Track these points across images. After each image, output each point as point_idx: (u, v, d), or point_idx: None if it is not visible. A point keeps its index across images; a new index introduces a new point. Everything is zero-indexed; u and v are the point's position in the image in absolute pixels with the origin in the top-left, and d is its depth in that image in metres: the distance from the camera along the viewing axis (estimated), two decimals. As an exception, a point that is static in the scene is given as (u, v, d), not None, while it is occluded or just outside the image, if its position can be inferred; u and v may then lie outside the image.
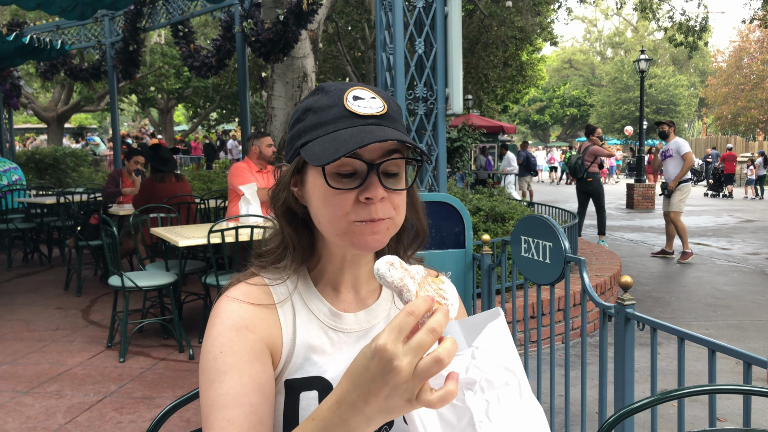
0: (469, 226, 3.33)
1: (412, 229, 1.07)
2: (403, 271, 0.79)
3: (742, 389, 1.29)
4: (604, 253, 7.00)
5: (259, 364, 0.95)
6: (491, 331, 0.81)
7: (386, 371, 0.70)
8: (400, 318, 0.71)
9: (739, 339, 5.05)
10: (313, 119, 0.96)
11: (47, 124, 19.82)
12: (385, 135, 0.89)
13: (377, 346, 0.70)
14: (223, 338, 0.95)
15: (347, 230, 0.95)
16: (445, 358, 0.69)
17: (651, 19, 16.98)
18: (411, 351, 0.69)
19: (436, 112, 3.81)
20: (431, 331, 0.70)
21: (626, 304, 2.18)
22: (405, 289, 0.78)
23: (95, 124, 42.45)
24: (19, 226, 7.64)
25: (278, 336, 1.00)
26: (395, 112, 0.98)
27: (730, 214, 14.96)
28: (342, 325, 1.04)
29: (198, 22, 16.81)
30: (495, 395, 0.79)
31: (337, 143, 0.89)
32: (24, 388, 3.87)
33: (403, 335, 0.70)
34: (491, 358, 0.79)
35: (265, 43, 6.54)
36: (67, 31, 9.41)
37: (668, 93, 43.32)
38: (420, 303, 0.72)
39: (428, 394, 0.70)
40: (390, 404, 0.71)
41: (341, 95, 0.95)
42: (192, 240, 4.29)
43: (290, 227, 1.03)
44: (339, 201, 0.93)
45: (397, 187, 0.96)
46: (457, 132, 11.67)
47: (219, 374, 0.93)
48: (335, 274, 1.06)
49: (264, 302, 1.01)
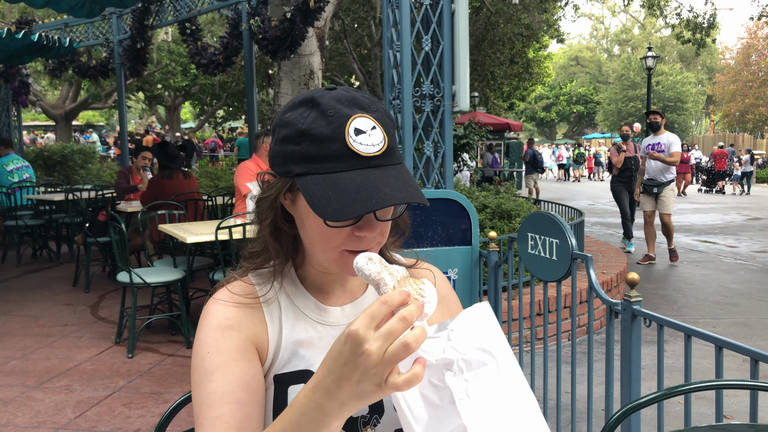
0: (476, 223, 3.34)
1: (396, 226, 1.09)
2: (381, 266, 0.82)
3: (748, 385, 1.30)
4: (610, 250, 6.99)
5: (245, 361, 0.98)
6: (465, 316, 0.84)
7: (357, 354, 0.72)
8: (374, 306, 0.74)
9: (747, 337, 5.04)
10: (310, 149, 0.91)
11: (55, 121, 19.91)
12: (390, 196, 0.87)
13: (350, 330, 0.73)
14: (209, 339, 0.99)
15: (336, 258, 0.97)
16: (412, 343, 0.71)
17: (658, 16, 16.89)
18: (381, 336, 0.72)
19: (443, 110, 3.81)
20: (402, 319, 0.72)
21: (633, 300, 2.19)
22: (382, 282, 0.80)
23: (103, 121, 42.62)
24: (28, 223, 7.69)
25: (264, 333, 1.02)
26: (392, 139, 0.95)
27: (737, 211, 14.90)
28: (329, 319, 1.06)
29: (205, 19, 16.85)
30: (474, 374, 0.82)
31: (343, 198, 0.87)
32: (34, 383, 3.90)
33: (375, 322, 0.73)
34: (466, 340, 0.82)
35: (272, 40, 6.55)
36: (75, 28, 9.45)
37: (675, 90, 43.16)
38: (395, 295, 0.75)
39: (395, 377, 0.73)
40: (361, 389, 0.74)
41: (342, 128, 0.90)
42: (200, 237, 4.31)
43: (276, 242, 1.03)
44: (333, 234, 0.94)
45: (387, 216, 0.98)
46: (463, 129, 11.65)
47: (207, 374, 0.96)
48: (320, 276, 1.08)
49: (249, 301, 1.03)
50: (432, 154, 3.83)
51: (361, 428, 1.03)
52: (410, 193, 0.90)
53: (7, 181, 8.19)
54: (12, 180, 8.26)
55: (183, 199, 5.71)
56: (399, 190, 0.89)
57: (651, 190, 7.64)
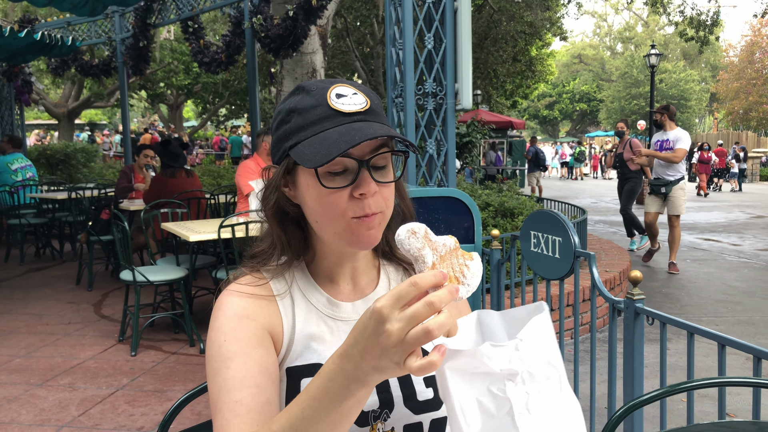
0: (478, 221, 3.34)
1: (399, 214, 1.09)
2: (424, 241, 0.80)
3: (751, 382, 1.30)
4: (613, 248, 6.98)
5: (263, 348, 0.99)
6: (535, 325, 0.81)
7: (378, 333, 0.72)
8: (403, 286, 0.73)
9: (750, 335, 5.04)
10: (298, 120, 0.98)
11: (58, 120, 19.94)
12: (374, 132, 0.92)
13: (374, 307, 0.73)
14: (226, 328, 0.99)
15: (345, 228, 0.98)
16: (434, 330, 0.70)
17: (662, 14, 16.87)
18: (404, 318, 0.71)
19: (445, 108, 3.81)
20: (429, 304, 0.71)
21: (635, 298, 2.19)
22: (421, 260, 0.78)
23: (105, 119, 42.66)
24: (32, 222, 7.71)
25: (279, 325, 1.03)
26: (377, 106, 1.00)
27: (741, 209, 14.87)
28: (340, 314, 1.07)
29: (207, 17, 16.87)
30: (536, 388, 0.79)
31: (328, 144, 0.92)
32: (37, 381, 3.91)
33: (402, 303, 0.72)
34: (534, 352, 0.79)
35: (274, 39, 6.55)
36: (78, 27, 9.46)
37: (679, 88, 43.04)
38: (427, 276, 0.73)
39: (413, 360, 0.72)
40: (381, 364, 0.73)
41: (324, 94, 0.97)
42: (203, 235, 4.32)
43: (281, 229, 1.06)
44: (334, 200, 0.96)
45: (386, 179, 0.99)
46: (466, 127, 11.66)
47: (224, 361, 0.96)
48: (332, 268, 1.09)
49: (263, 293, 1.04)
50: (435, 152, 3.83)
51: (371, 422, 1.03)
52: (394, 134, 0.93)
53: (10, 180, 8.21)
54: (15, 179, 8.28)
55: (186, 198, 5.72)
56: (382, 130, 0.93)
57: (658, 190, 7.20)
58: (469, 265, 0.80)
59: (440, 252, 0.80)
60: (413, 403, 1.05)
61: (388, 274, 1.16)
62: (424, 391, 1.06)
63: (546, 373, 0.80)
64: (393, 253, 1.16)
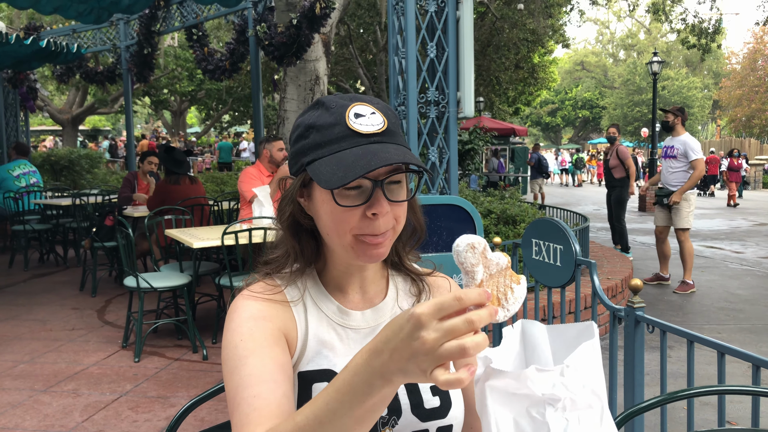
0: (480, 229, 3.36)
1: (409, 226, 1.12)
2: (480, 258, 0.81)
3: (749, 390, 1.31)
4: (615, 256, 6.99)
5: (279, 348, 1.02)
6: (584, 351, 0.79)
7: (413, 338, 0.72)
8: (446, 298, 0.73)
9: (752, 343, 5.04)
10: (317, 137, 1.00)
11: (62, 126, 20.04)
12: (389, 158, 0.94)
13: (414, 312, 0.73)
14: (242, 328, 1.02)
15: (352, 244, 1.01)
16: (470, 348, 0.70)
17: (664, 21, 16.91)
18: (441, 330, 0.71)
19: (447, 116, 3.84)
20: (468, 321, 0.71)
21: (636, 306, 2.20)
22: (471, 275, 0.80)
23: (109, 125, 42.82)
24: (36, 227, 7.74)
25: (293, 329, 1.06)
26: (394, 125, 1.02)
27: (743, 217, 14.86)
28: (350, 322, 1.10)
29: (211, 25, 16.94)
30: (576, 416, 0.78)
31: (345, 166, 0.94)
32: (41, 387, 3.93)
33: (442, 314, 0.72)
34: (579, 379, 0.78)
35: (278, 46, 6.60)
36: (83, 34, 9.53)
37: (681, 95, 43.08)
38: (472, 293, 0.74)
39: (441, 372, 0.72)
40: (408, 367, 0.74)
41: (343, 113, 0.99)
42: (206, 241, 4.34)
43: (294, 239, 1.09)
44: (346, 217, 0.99)
45: (399, 198, 1.02)
46: (468, 134, 11.69)
47: (241, 359, 0.98)
48: (342, 277, 1.12)
49: (278, 299, 1.07)
50: (437, 159, 3.86)
51: (379, 428, 1.05)
52: (410, 158, 0.95)
53: (14, 186, 8.25)
54: (19, 185, 8.33)
55: (189, 204, 5.74)
56: (397, 155, 0.95)
57: (662, 200, 6.75)
58: (514, 289, 0.80)
59: (491, 270, 0.81)
60: (420, 410, 1.07)
61: (396, 285, 1.18)
62: (431, 400, 1.08)
63: (588, 402, 0.79)
64: (402, 264, 1.18)
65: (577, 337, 0.83)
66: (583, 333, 0.83)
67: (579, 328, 0.84)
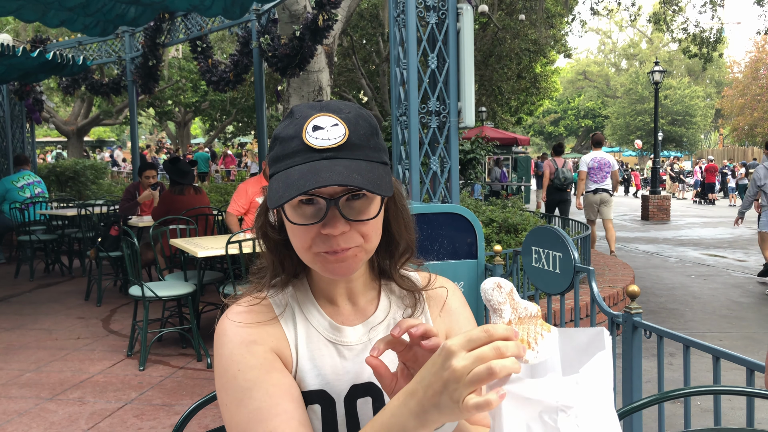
0: (481, 237, 3.40)
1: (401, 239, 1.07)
2: (507, 298, 0.83)
3: (743, 391, 1.35)
4: (617, 264, 7.01)
5: (277, 372, 0.98)
6: (599, 362, 0.81)
7: (444, 368, 0.75)
8: (476, 331, 0.76)
9: (753, 351, 5.05)
10: (278, 150, 0.96)
11: (67, 137, 20.16)
12: (328, 178, 0.88)
13: (444, 344, 0.76)
14: (235, 356, 0.98)
15: (314, 260, 0.97)
16: (498, 369, 0.72)
17: (665, 31, 16.99)
18: (470, 357, 0.74)
19: (448, 126, 3.89)
20: (495, 348, 0.74)
21: (633, 312, 2.24)
22: (498, 313, 0.82)
23: (114, 137, 43.03)
24: (41, 238, 7.80)
25: (286, 347, 1.02)
26: (360, 137, 0.95)
27: (746, 225, 14.85)
28: (343, 339, 1.05)
29: (215, 36, 17.07)
30: (587, 424, 0.80)
31: (287, 184, 0.90)
32: (47, 395, 3.97)
33: (471, 345, 0.75)
34: (593, 389, 0.80)
35: (281, 58, 6.68)
36: (89, 46, 9.63)
37: (684, 104, 43.13)
38: (500, 328, 0.76)
39: (471, 397, 0.73)
40: (442, 401, 0.75)
41: (302, 124, 0.94)
42: (210, 251, 4.39)
43: (271, 251, 1.05)
44: (302, 234, 0.95)
45: (362, 216, 0.95)
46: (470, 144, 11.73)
47: (244, 392, 0.96)
48: (328, 288, 1.07)
49: (266, 318, 1.03)
50: (438, 169, 3.90)
51: None
52: (353, 178, 0.89)
53: (19, 197, 8.32)
54: (24, 195, 8.40)
55: (194, 214, 5.80)
56: (340, 175, 0.89)
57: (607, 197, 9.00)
58: (544, 336, 0.81)
59: (519, 313, 0.83)
60: None
61: (389, 295, 1.13)
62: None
63: (600, 411, 0.81)
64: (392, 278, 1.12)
65: (587, 343, 0.83)
66: (594, 339, 0.84)
67: (590, 333, 0.85)
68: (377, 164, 0.96)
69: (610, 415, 0.82)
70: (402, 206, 1.06)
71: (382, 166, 0.98)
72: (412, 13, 3.73)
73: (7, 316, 5.91)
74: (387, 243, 1.06)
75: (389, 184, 0.95)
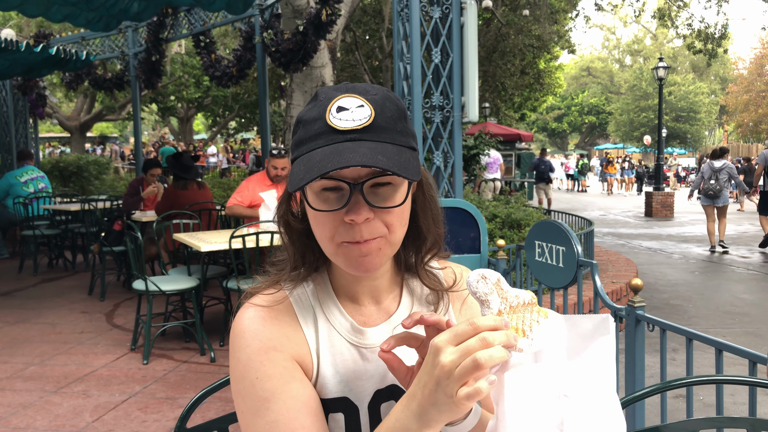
0: (485, 232, 3.40)
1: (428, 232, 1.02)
2: (493, 288, 0.82)
3: (744, 380, 1.35)
4: (621, 260, 7.01)
5: (297, 382, 0.94)
6: (602, 347, 0.82)
7: (434, 365, 0.75)
8: (462, 325, 0.75)
9: (756, 346, 5.05)
10: (301, 133, 0.92)
11: (70, 132, 20.20)
12: (352, 159, 0.83)
13: (433, 341, 0.76)
14: (254, 363, 0.93)
15: (336, 252, 0.92)
16: (483, 361, 0.72)
17: (670, 27, 16.93)
18: (456, 351, 0.73)
19: (452, 120, 3.88)
20: (481, 339, 0.73)
21: (636, 306, 2.24)
22: (486, 304, 0.81)
23: (116, 132, 43.08)
24: (45, 233, 7.83)
25: (307, 353, 0.97)
26: (387, 119, 0.90)
27: (750, 222, 14.82)
28: (365, 341, 1.00)
29: (218, 32, 17.05)
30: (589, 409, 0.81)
31: (308, 167, 0.85)
32: (52, 388, 3.99)
33: (458, 340, 0.74)
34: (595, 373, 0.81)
35: (284, 53, 6.67)
36: (92, 42, 9.64)
37: (688, 100, 43.01)
38: (487, 319, 0.76)
39: (463, 389, 0.73)
40: (438, 398, 0.75)
41: (326, 106, 0.90)
42: (214, 245, 4.39)
43: (291, 242, 1.01)
44: (324, 222, 0.90)
45: (387, 204, 0.90)
46: (473, 140, 11.72)
47: (262, 402, 0.92)
48: (350, 286, 1.02)
49: (287, 319, 0.98)
50: (441, 164, 3.90)
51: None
52: (378, 160, 0.84)
53: (23, 192, 8.35)
54: (27, 190, 8.42)
55: (197, 209, 5.81)
56: (364, 156, 0.84)
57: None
58: (540, 322, 0.81)
59: (511, 302, 0.82)
60: None
61: (411, 290, 1.07)
62: None
63: (602, 396, 0.82)
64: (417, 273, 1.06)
65: (593, 330, 0.84)
66: (600, 326, 0.84)
67: (595, 320, 0.84)
68: (404, 148, 0.91)
69: (611, 399, 0.83)
70: (431, 197, 1.01)
71: (410, 150, 0.92)
72: (416, 7, 3.73)
73: (11, 311, 5.93)
74: (414, 237, 1.02)
75: (417, 169, 0.90)
